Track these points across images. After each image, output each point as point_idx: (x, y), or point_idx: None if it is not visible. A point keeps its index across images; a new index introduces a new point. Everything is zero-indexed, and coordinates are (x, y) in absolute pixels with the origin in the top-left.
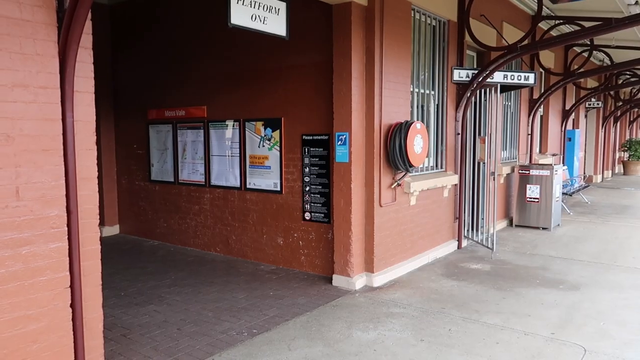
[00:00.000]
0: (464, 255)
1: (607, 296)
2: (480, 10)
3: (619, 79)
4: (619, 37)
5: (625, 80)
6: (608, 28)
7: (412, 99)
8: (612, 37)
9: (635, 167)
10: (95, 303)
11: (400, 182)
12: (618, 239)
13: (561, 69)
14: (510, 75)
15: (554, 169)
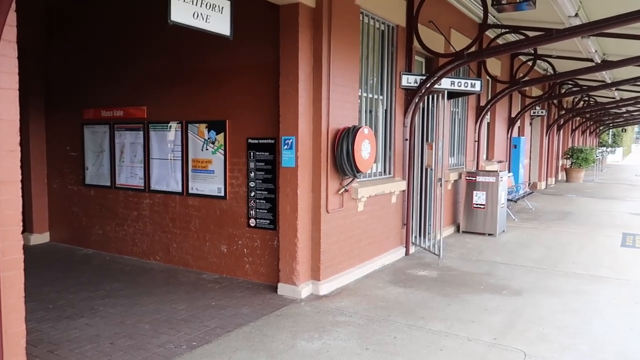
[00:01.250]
0: (412, 261)
1: (547, 301)
2: (429, 17)
3: (561, 88)
4: (561, 48)
5: (567, 89)
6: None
7: (361, 103)
8: (553, 47)
9: (577, 174)
10: (18, 317)
11: (347, 188)
12: (559, 244)
13: (507, 77)
14: (458, 82)
15: (500, 175)
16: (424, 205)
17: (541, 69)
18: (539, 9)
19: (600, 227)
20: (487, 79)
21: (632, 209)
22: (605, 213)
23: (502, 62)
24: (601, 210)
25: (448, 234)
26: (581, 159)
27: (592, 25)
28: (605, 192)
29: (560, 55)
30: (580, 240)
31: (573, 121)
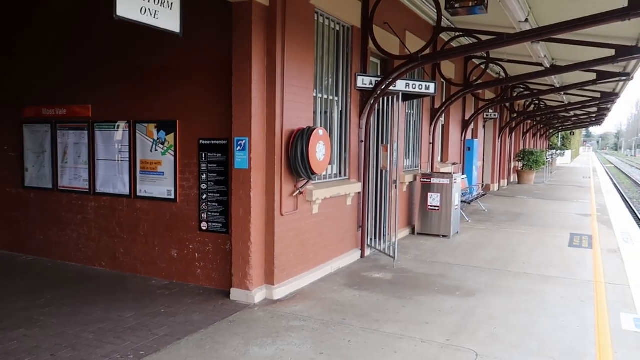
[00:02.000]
0: (367, 264)
1: (499, 301)
2: (384, 18)
3: (513, 91)
4: (513, 52)
5: (519, 93)
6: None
7: (316, 104)
8: (504, 51)
9: (529, 176)
10: None
11: (302, 190)
12: (511, 245)
13: (461, 79)
14: (412, 84)
15: (454, 177)
16: (380, 207)
17: (494, 72)
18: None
19: (550, 227)
20: (442, 81)
21: (579, 210)
22: (555, 214)
23: (456, 65)
24: (551, 212)
25: (403, 235)
26: (532, 161)
27: (540, 30)
28: (555, 193)
29: (512, 59)
30: (530, 241)
31: (524, 124)
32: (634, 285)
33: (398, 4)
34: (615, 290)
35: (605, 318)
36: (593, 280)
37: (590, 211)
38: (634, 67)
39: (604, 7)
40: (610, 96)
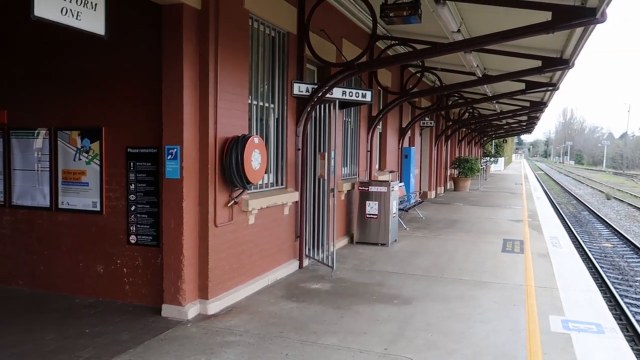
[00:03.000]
0: (305, 275)
1: (435, 308)
2: (320, 25)
3: (448, 100)
4: (447, 61)
5: (453, 101)
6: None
7: (251, 111)
8: (438, 60)
9: (464, 183)
10: None
11: (237, 200)
12: (447, 252)
13: (398, 88)
14: (349, 92)
15: (391, 185)
16: (318, 217)
17: (429, 80)
18: (427, 23)
19: (484, 234)
20: (379, 89)
21: (512, 216)
22: (489, 220)
23: (392, 73)
24: (485, 218)
25: (342, 245)
26: (467, 169)
27: (471, 41)
28: (489, 200)
29: (446, 68)
30: (466, 247)
31: (460, 132)
32: (561, 288)
33: (334, 11)
34: (545, 294)
35: (535, 321)
36: (524, 285)
37: (522, 217)
38: (559, 78)
39: (530, 20)
40: (539, 105)
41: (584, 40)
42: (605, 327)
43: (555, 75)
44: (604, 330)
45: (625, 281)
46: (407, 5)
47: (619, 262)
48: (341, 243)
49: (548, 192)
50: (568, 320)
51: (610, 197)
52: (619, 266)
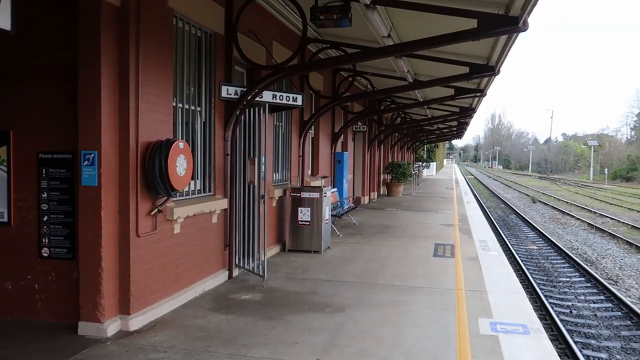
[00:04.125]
0: (235, 285)
1: (368, 315)
2: (250, 26)
3: (381, 104)
4: (379, 66)
5: (386, 106)
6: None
7: (176, 115)
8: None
9: (397, 188)
10: None
11: (161, 209)
12: (380, 257)
13: (330, 92)
14: (280, 96)
15: (324, 191)
16: (248, 224)
17: (362, 85)
18: (359, 27)
19: (416, 238)
20: (310, 93)
21: (443, 221)
22: (421, 225)
23: (324, 77)
24: (417, 223)
25: (274, 253)
26: (400, 174)
27: (401, 46)
28: (421, 205)
29: (378, 73)
30: (398, 253)
31: (392, 137)
32: (489, 291)
33: (264, 12)
34: (474, 297)
35: (465, 324)
36: (455, 288)
37: (452, 221)
38: (486, 84)
39: (458, 27)
40: (468, 111)
41: (509, 48)
42: (531, 327)
43: (483, 81)
44: (529, 331)
45: (549, 282)
46: (338, 8)
47: (544, 263)
48: (273, 251)
49: (478, 196)
50: (496, 322)
51: (535, 201)
52: (544, 267)
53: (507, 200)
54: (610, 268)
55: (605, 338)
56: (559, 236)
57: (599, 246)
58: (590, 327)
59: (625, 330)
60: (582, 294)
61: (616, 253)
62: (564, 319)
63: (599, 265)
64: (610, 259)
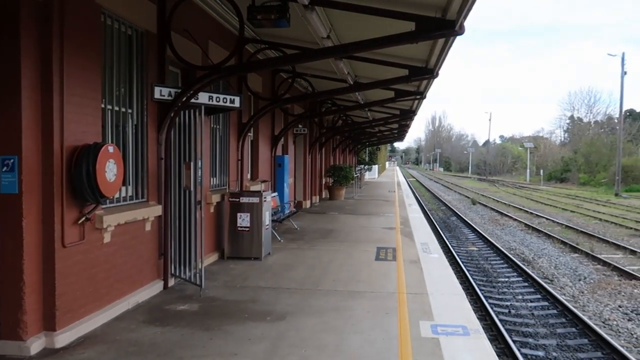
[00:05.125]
0: (171, 295)
1: (310, 322)
2: (184, 25)
3: (322, 107)
4: (319, 67)
5: (327, 108)
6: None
7: (105, 117)
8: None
9: (339, 191)
10: None
11: (90, 217)
12: (322, 263)
13: (269, 93)
14: (217, 97)
15: (264, 195)
16: (185, 232)
17: (302, 87)
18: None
19: (359, 242)
20: (249, 95)
21: (385, 224)
22: (363, 229)
23: (263, 78)
24: (359, 226)
25: (212, 261)
26: (342, 177)
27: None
28: (364, 208)
29: (318, 75)
30: (341, 257)
31: (334, 139)
32: (430, 293)
33: (199, 10)
34: (416, 300)
35: (406, 328)
36: (397, 292)
37: (394, 224)
38: (426, 87)
39: (398, 29)
40: (408, 113)
41: (446, 51)
42: (470, 328)
43: (422, 84)
44: (469, 332)
45: (489, 283)
46: (275, 8)
47: (484, 264)
48: (211, 259)
49: (419, 198)
50: (437, 324)
51: (475, 202)
52: (484, 268)
53: (448, 202)
54: (546, 267)
55: (542, 336)
56: (497, 237)
57: (536, 246)
58: (528, 325)
59: (561, 327)
60: (520, 294)
61: (552, 252)
62: (503, 318)
63: (536, 264)
64: (546, 258)
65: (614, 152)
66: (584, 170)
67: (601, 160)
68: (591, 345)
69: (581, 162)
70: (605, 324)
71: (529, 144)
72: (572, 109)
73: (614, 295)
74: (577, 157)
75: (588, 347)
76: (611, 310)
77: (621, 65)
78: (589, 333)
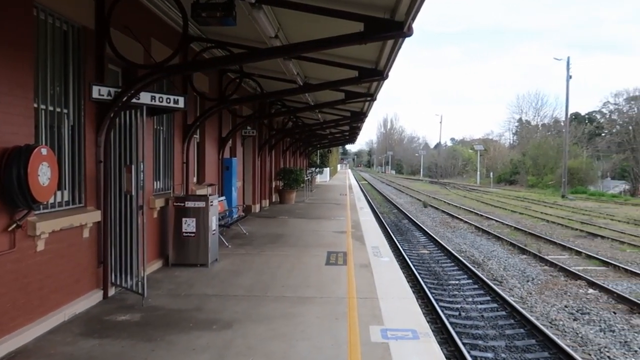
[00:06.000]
0: (111, 305)
1: (257, 329)
2: (125, 22)
3: (271, 108)
4: (267, 68)
5: (276, 109)
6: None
7: (38, 117)
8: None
9: (290, 195)
10: None
11: (21, 223)
12: (271, 268)
13: (216, 94)
14: (160, 97)
15: (210, 200)
16: (126, 238)
17: (250, 87)
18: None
19: (309, 247)
20: (195, 95)
21: (336, 228)
22: (314, 233)
23: (210, 78)
24: (310, 230)
25: (156, 268)
26: (292, 180)
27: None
28: (315, 212)
29: (267, 75)
30: (290, 262)
31: (284, 142)
32: (381, 297)
33: (141, 6)
34: (366, 304)
35: (356, 333)
36: (347, 297)
37: (345, 228)
38: (376, 88)
39: (347, 30)
40: (359, 115)
41: (396, 52)
42: (420, 332)
43: (372, 85)
44: (418, 336)
45: (440, 286)
46: (221, 6)
47: (435, 267)
48: (154, 266)
49: (371, 201)
50: (387, 329)
51: (427, 205)
52: (435, 271)
53: (400, 206)
54: (495, 269)
55: (492, 338)
56: (448, 240)
57: (486, 248)
58: (478, 328)
59: (510, 329)
60: (470, 296)
61: (501, 254)
62: (454, 321)
63: (486, 267)
64: (496, 260)
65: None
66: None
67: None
68: (539, 345)
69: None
70: (552, 324)
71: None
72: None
73: (560, 296)
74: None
75: (535, 348)
76: (558, 311)
77: (567, 69)
78: (537, 334)
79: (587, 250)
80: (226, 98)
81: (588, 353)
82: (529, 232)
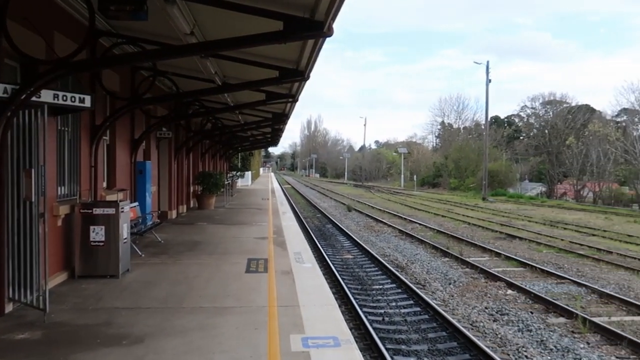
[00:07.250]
0: (8, 323)
1: (171, 343)
2: (23, 13)
3: (188, 108)
4: (183, 66)
5: (194, 110)
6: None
7: None
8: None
9: (209, 200)
10: None
11: None
12: (187, 278)
13: (128, 93)
14: (63, 96)
15: (121, 206)
16: (25, 249)
17: (166, 87)
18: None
19: (229, 254)
20: (104, 94)
21: (257, 234)
22: (234, 239)
23: (121, 76)
24: (230, 237)
25: (60, 281)
26: (211, 184)
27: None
28: (235, 217)
29: (184, 74)
30: (208, 271)
31: (203, 144)
32: (302, 305)
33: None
34: (287, 312)
35: (276, 343)
36: (267, 305)
37: (267, 234)
38: (297, 89)
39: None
40: (281, 117)
41: (316, 53)
42: (342, 339)
43: (294, 86)
44: (340, 343)
45: (364, 291)
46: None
47: (359, 272)
48: (59, 279)
49: (294, 206)
50: (308, 337)
51: (351, 209)
52: (358, 276)
53: (324, 210)
54: (418, 273)
55: (415, 342)
56: (372, 244)
57: (409, 252)
58: (401, 332)
59: (432, 332)
60: (393, 300)
61: (424, 258)
62: (377, 326)
63: (409, 270)
64: (419, 263)
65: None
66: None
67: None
68: (460, 347)
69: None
70: (473, 326)
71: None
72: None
73: (480, 298)
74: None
75: (457, 350)
76: (478, 312)
77: (486, 73)
78: (458, 336)
79: (506, 251)
80: (139, 97)
81: (507, 353)
82: (451, 235)
